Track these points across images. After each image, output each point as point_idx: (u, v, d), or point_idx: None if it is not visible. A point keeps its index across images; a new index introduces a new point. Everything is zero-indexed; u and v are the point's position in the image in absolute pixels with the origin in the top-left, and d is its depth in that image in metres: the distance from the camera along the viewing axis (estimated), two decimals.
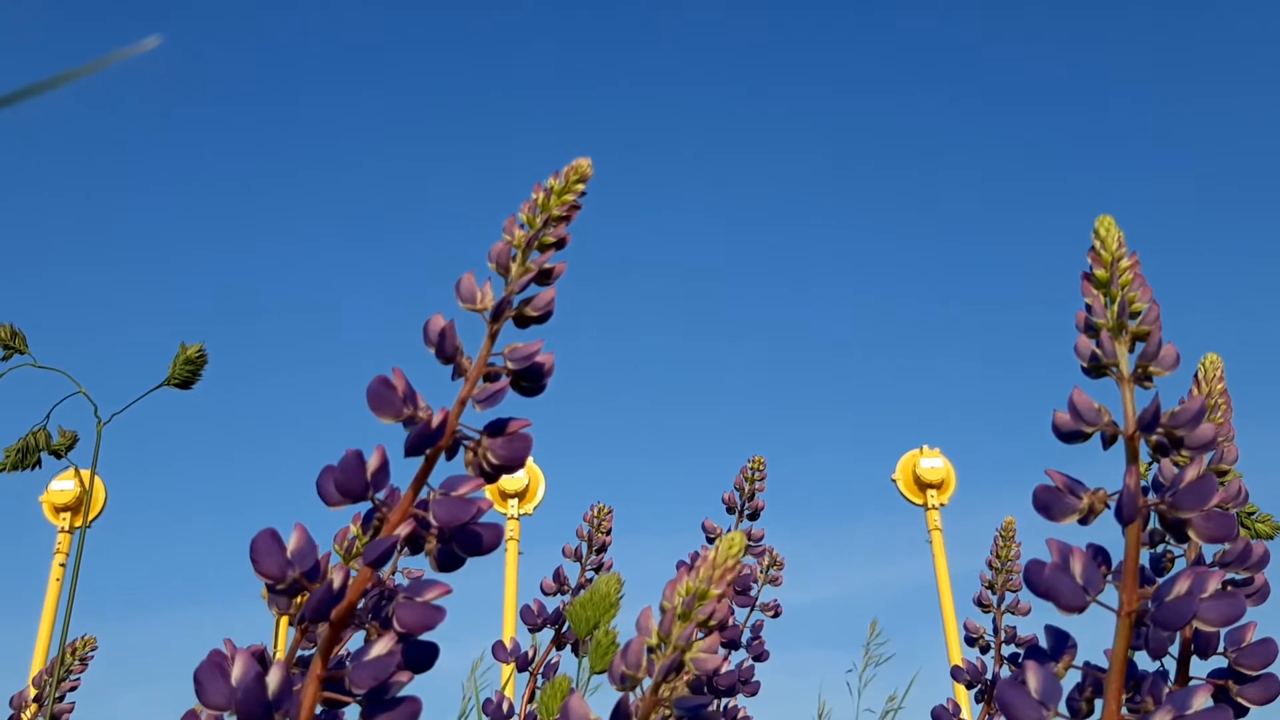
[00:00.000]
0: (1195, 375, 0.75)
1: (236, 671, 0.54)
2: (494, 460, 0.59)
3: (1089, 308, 0.60)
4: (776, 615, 1.48)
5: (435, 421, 0.57)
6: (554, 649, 1.27)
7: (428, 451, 0.58)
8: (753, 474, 1.33)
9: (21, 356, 0.85)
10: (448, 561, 0.59)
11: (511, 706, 1.17)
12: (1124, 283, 0.60)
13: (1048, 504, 0.58)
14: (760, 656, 1.43)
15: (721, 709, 1.35)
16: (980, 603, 1.33)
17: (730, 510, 1.34)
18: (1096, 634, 0.61)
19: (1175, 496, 0.55)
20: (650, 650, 0.59)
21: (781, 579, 1.49)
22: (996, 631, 1.31)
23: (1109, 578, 0.57)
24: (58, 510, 5.50)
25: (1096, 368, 0.59)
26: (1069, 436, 0.59)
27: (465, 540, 0.58)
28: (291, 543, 0.57)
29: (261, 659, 0.56)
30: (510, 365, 0.60)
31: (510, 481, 5.86)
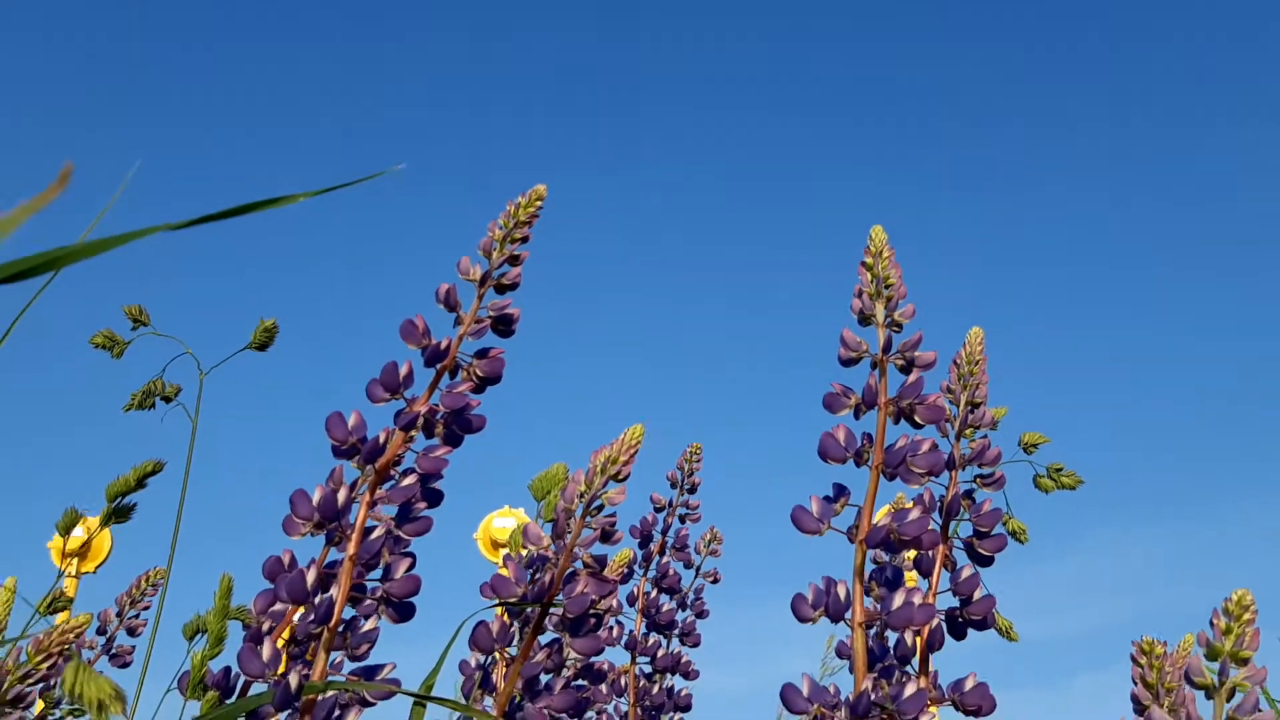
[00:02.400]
0: (964, 343, 1.09)
1: (317, 495, 0.87)
2: (480, 374, 0.92)
3: (861, 282, 0.94)
4: (716, 581, 1.80)
5: (444, 345, 0.91)
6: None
7: (438, 366, 0.91)
8: (691, 456, 1.66)
9: (145, 328, 1.19)
10: (452, 438, 0.92)
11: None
12: (884, 265, 0.94)
13: (830, 403, 0.91)
14: (701, 614, 1.74)
15: (663, 689, 1.67)
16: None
17: (673, 485, 1.66)
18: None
19: (901, 391, 0.89)
20: (581, 495, 0.91)
21: (720, 551, 1.81)
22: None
23: (870, 450, 0.90)
24: (65, 556, 5.79)
25: (863, 318, 0.93)
26: (847, 363, 0.92)
27: (461, 422, 0.91)
28: (352, 420, 0.90)
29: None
30: (491, 314, 0.93)
31: (502, 532, 6.17)
